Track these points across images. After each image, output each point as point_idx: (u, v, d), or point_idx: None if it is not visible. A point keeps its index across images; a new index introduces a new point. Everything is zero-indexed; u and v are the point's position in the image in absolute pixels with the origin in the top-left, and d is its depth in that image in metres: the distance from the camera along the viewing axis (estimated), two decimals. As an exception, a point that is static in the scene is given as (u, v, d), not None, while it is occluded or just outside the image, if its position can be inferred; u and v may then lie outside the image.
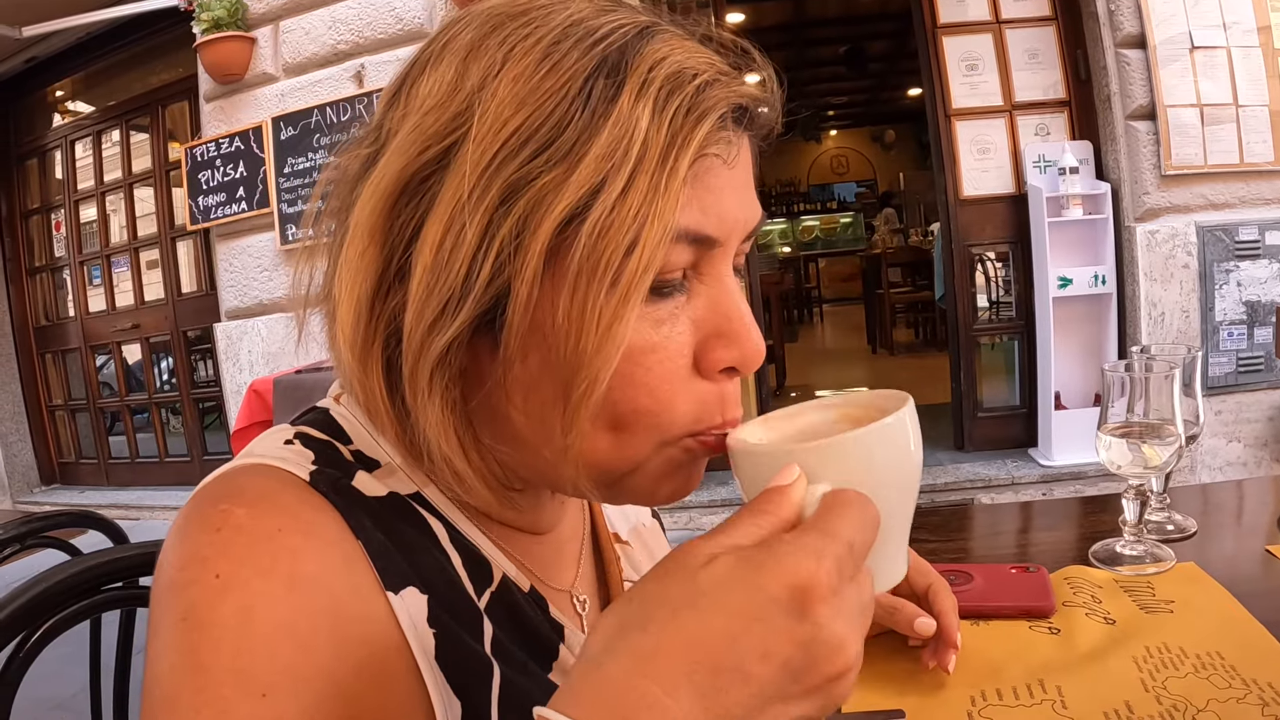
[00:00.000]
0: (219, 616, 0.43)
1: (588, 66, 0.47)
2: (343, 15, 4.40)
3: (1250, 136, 3.60)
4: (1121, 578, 0.92)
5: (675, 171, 0.46)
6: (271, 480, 0.51)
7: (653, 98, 0.46)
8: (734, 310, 0.51)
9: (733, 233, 0.51)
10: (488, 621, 0.54)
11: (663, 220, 0.46)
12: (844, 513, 0.42)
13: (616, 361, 0.46)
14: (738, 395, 0.54)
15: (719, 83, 0.49)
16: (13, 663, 0.81)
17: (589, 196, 0.45)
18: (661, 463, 0.52)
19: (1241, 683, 0.70)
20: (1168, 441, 0.91)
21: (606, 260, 0.45)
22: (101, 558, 0.85)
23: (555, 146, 0.46)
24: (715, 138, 0.48)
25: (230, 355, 4.76)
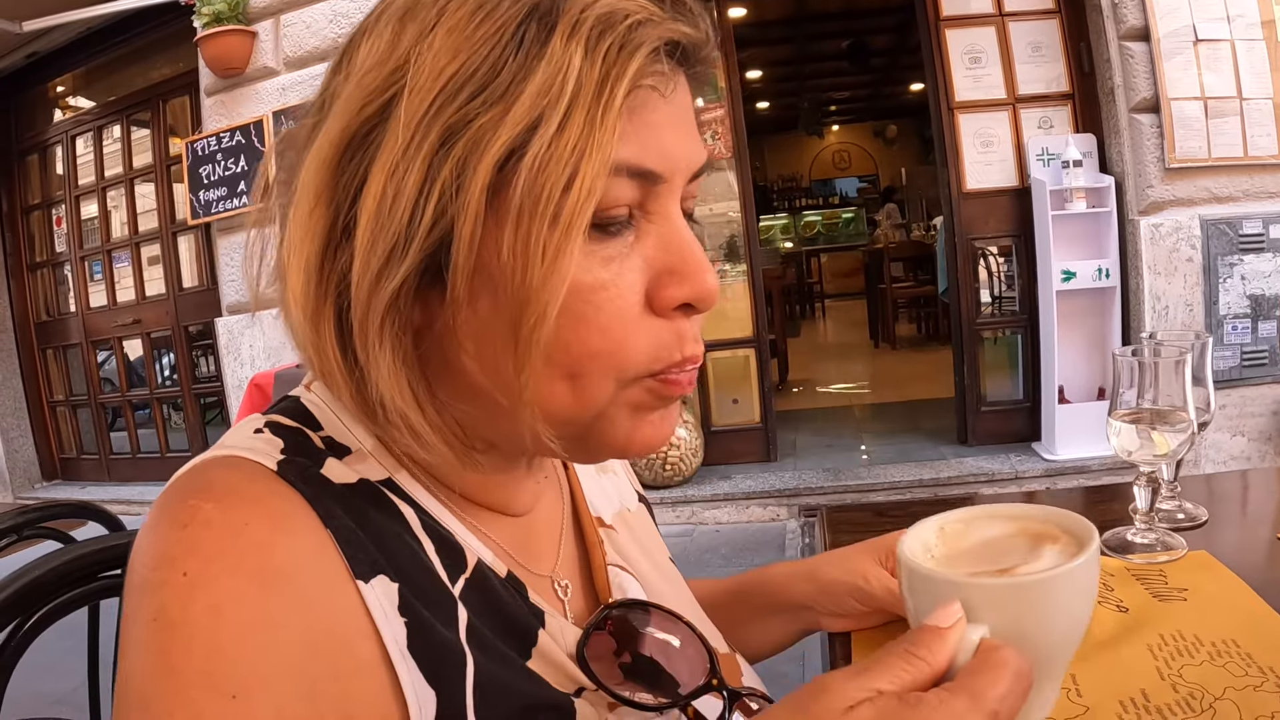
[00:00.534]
0: (189, 616, 0.43)
1: (520, 13, 0.48)
2: (344, 9, 4.40)
3: (1254, 130, 3.59)
4: (1133, 566, 0.91)
5: (610, 104, 0.46)
6: (239, 472, 0.50)
7: (584, 36, 0.47)
8: (684, 247, 0.52)
9: (676, 169, 0.52)
10: (462, 608, 0.53)
11: (601, 151, 0.46)
12: (996, 676, 0.41)
13: (563, 293, 0.47)
14: (697, 333, 0.54)
15: (650, 21, 0.49)
16: (6, 650, 0.80)
17: (526, 133, 0.46)
18: (624, 407, 0.53)
19: (1259, 670, 0.69)
20: (1179, 428, 0.90)
21: (547, 194, 0.46)
22: (95, 545, 0.84)
23: (491, 88, 0.46)
24: (649, 70, 0.49)
25: (232, 350, 4.76)
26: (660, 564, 0.77)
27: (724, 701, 0.59)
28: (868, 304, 9.19)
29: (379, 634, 0.48)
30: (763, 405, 4.50)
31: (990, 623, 0.43)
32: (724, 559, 3.66)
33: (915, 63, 4.34)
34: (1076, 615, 0.46)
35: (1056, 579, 0.44)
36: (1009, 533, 0.50)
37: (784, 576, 0.86)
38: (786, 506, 4.08)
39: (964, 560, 0.50)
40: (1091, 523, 0.47)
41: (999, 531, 0.51)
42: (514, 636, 0.56)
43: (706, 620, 0.75)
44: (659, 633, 0.61)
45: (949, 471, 4.02)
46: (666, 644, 0.61)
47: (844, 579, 0.81)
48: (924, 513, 0.54)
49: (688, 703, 0.58)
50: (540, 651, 0.57)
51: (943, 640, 0.43)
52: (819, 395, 6.61)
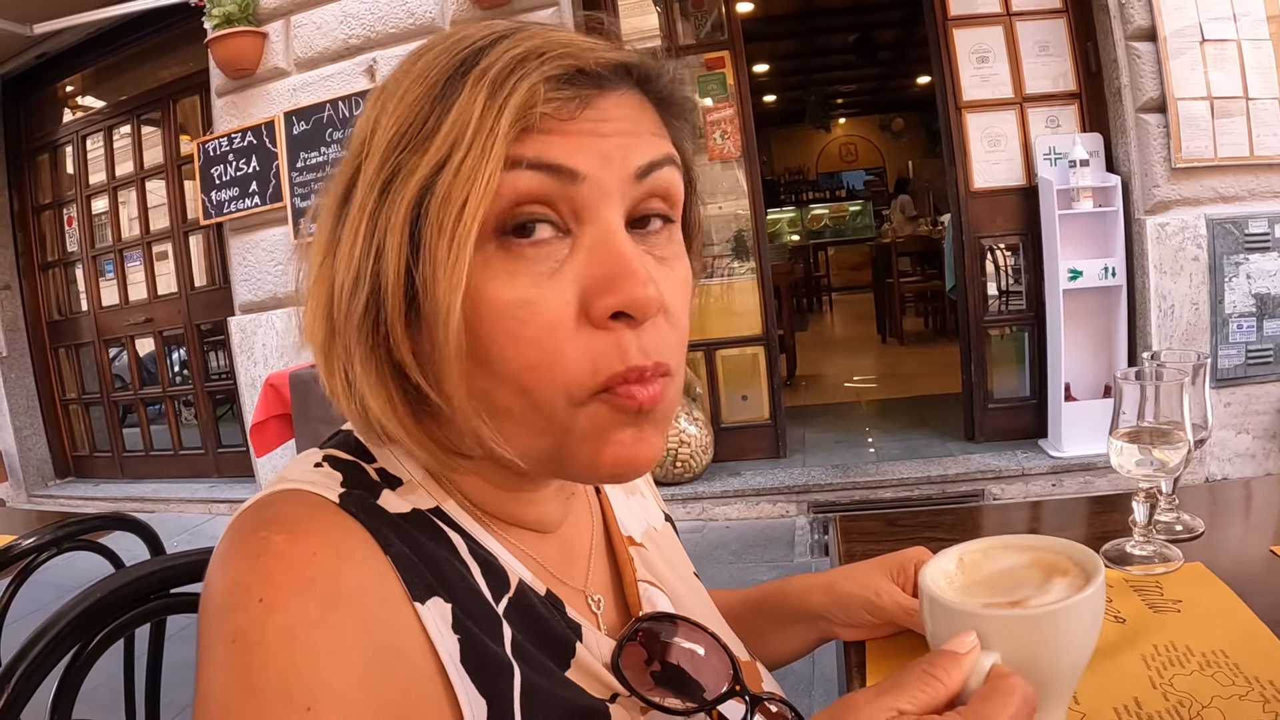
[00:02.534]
0: (264, 638, 0.47)
1: (449, 69, 0.54)
2: (354, 9, 4.43)
3: (1260, 129, 3.61)
4: (1131, 577, 0.95)
5: (495, 131, 0.51)
6: (304, 505, 0.55)
7: (490, 79, 0.52)
8: (613, 255, 0.53)
9: (599, 168, 0.54)
10: (506, 625, 0.58)
11: (488, 170, 0.51)
12: (1006, 702, 0.44)
13: (459, 294, 0.51)
14: (645, 344, 0.54)
15: (560, 56, 0.53)
16: (71, 672, 0.84)
17: (436, 170, 0.52)
18: (586, 425, 0.55)
19: (1244, 680, 0.72)
20: (1177, 446, 0.94)
21: (448, 218, 0.51)
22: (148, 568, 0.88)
23: (419, 137, 0.53)
24: (541, 97, 0.52)
25: (245, 349, 4.80)
26: (685, 578, 0.81)
27: (746, 705, 0.63)
28: (875, 298, 9.19)
29: (435, 650, 0.53)
30: (772, 402, 4.53)
31: (1002, 650, 0.47)
32: (734, 555, 3.70)
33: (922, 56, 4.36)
34: (1082, 643, 0.49)
35: (1064, 611, 0.47)
36: (1023, 563, 0.54)
37: (801, 589, 0.90)
38: (796, 503, 4.12)
39: (980, 589, 0.54)
40: (1097, 555, 0.51)
41: (1014, 562, 0.55)
42: (554, 649, 0.60)
43: (728, 630, 0.80)
44: (685, 643, 0.65)
45: (956, 468, 4.05)
46: (693, 653, 0.65)
47: (858, 593, 0.85)
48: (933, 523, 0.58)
49: (713, 707, 0.63)
50: (578, 662, 0.61)
51: (958, 665, 0.46)
52: (827, 391, 6.63)
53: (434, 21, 4.28)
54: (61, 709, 0.85)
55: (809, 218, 13.14)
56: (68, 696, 0.85)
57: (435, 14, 4.27)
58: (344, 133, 4.42)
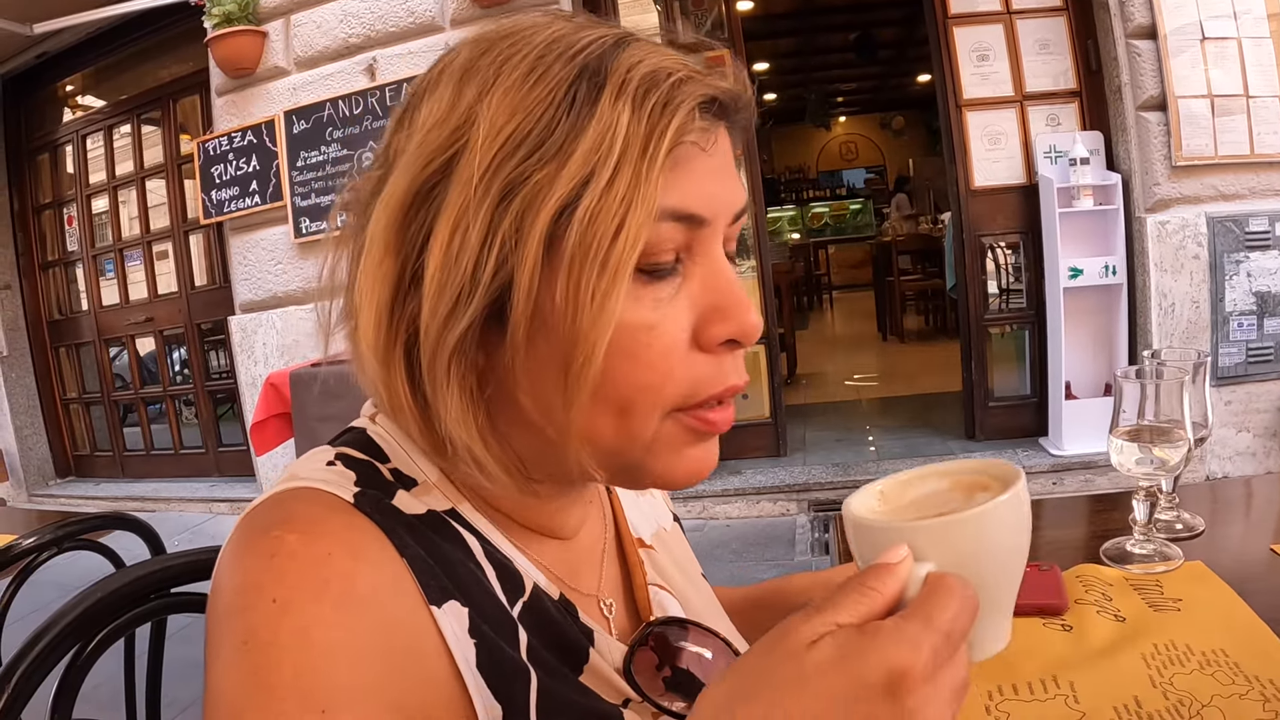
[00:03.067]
0: (278, 639, 0.46)
1: (571, 74, 0.52)
2: (354, 8, 4.42)
3: (1261, 127, 3.60)
4: (1131, 576, 0.95)
5: (654, 159, 0.50)
6: (318, 505, 0.54)
7: (631, 95, 0.51)
8: (727, 286, 0.55)
9: (718, 213, 0.55)
10: (522, 630, 0.57)
11: (646, 203, 0.50)
12: (945, 601, 0.44)
13: (609, 334, 0.50)
14: (739, 365, 0.57)
15: (692, 79, 0.53)
16: (71, 672, 0.84)
17: (579, 188, 0.50)
18: (667, 439, 0.56)
19: (1244, 679, 0.72)
20: (1177, 445, 0.94)
21: (597, 244, 0.49)
22: (148, 568, 0.88)
23: (546, 146, 0.50)
24: (691, 127, 0.52)
25: (245, 348, 4.80)
26: (694, 579, 0.81)
27: None
28: (875, 296, 9.19)
29: (450, 654, 0.52)
30: (772, 400, 4.53)
31: (934, 560, 0.46)
32: (735, 554, 3.70)
33: (922, 54, 4.36)
34: (1010, 547, 0.49)
35: (986, 513, 0.47)
36: (945, 487, 0.54)
37: (804, 586, 0.90)
38: (796, 501, 4.12)
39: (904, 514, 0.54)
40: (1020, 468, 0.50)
41: (935, 487, 0.55)
42: (568, 654, 0.60)
43: (736, 633, 0.79)
44: (695, 647, 0.66)
45: (956, 467, 4.04)
46: (701, 657, 0.65)
47: None
48: None
49: None
50: (591, 668, 0.61)
51: (892, 574, 0.46)
52: (828, 389, 6.63)
53: (434, 20, 4.27)
54: (62, 708, 0.85)
55: (809, 216, 13.13)
56: (68, 696, 0.85)
57: (435, 13, 4.27)
58: (344, 131, 4.42)
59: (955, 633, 0.43)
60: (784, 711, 0.41)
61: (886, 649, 0.41)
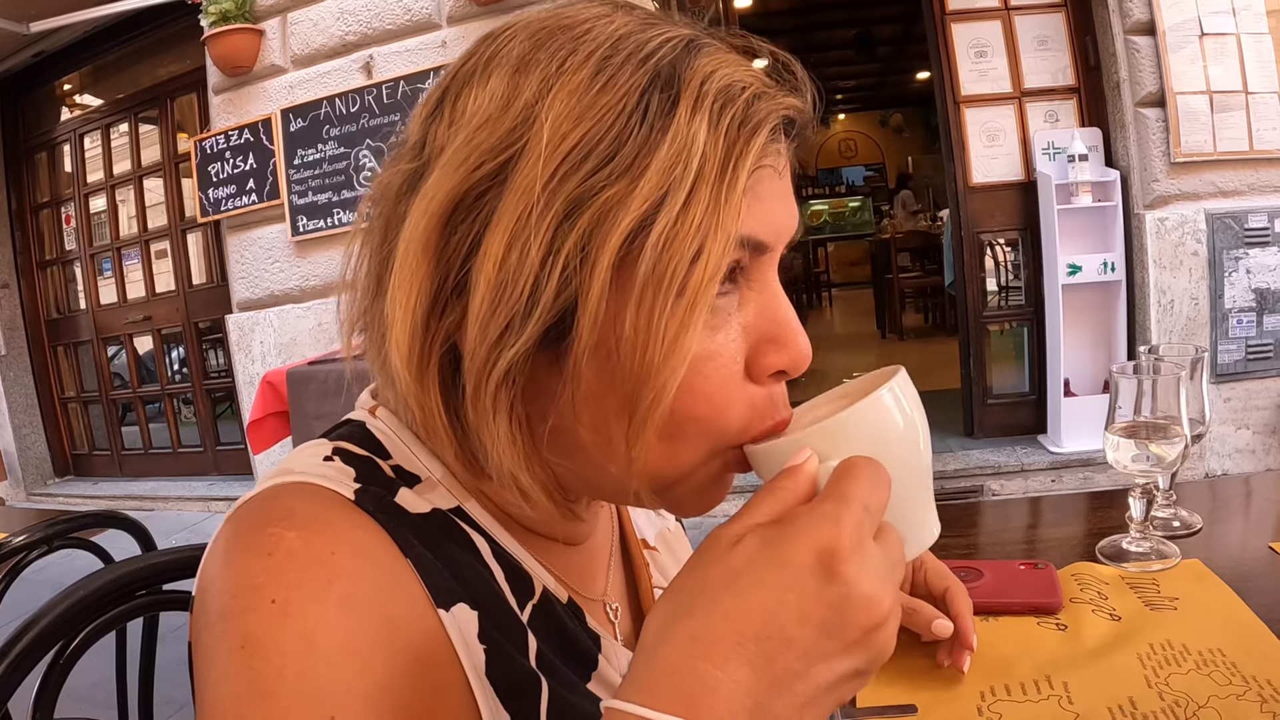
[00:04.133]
0: (280, 643, 0.44)
1: (642, 81, 0.48)
2: (350, 6, 4.41)
3: (1260, 124, 3.59)
4: (1128, 574, 0.94)
5: (735, 183, 0.47)
6: (317, 501, 0.51)
7: (708, 111, 0.47)
8: (782, 315, 0.52)
9: (781, 238, 0.53)
10: (532, 636, 0.55)
11: (725, 230, 0.46)
12: (853, 477, 0.44)
13: (683, 370, 0.47)
14: (785, 396, 0.55)
15: (766, 95, 0.50)
16: (54, 670, 0.83)
17: (653, 209, 0.46)
18: (707, 473, 0.53)
19: (1241, 680, 0.71)
20: (1174, 441, 0.93)
21: (672, 271, 0.46)
22: (134, 565, 0.87)
23: (617, 160, 0.46)
24: (769, 149, 0.50)
25: (243, 346, 4.79)
26: None
27: None
28: (875, 294, 9.18)
29: (459, 660, 0.50)
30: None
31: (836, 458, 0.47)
32: (732, 553, 3.69)
33: (921, 52, 4.34)
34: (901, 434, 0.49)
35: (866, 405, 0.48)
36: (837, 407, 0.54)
37: None
38: (794, 500, 4.11)
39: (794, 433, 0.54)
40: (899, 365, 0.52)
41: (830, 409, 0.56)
42: (576, 660, 0.59)
43: None
44: None
45: (955, 464, 4.04)
46: None
47: None
48: None
49: None
50: (599, 674, 0.60)
51: (800, 471, 0.46)
52: (826, 387, 6.57)
53: (430, 18, 4.26)
54: (45, 703, 0.84)
55: (809, 213, 13.12)
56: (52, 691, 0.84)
57: (432, 10, 4.26)
58: (341, 129, 4.41)
59: (873, 505, 0.43)
60: (723, 613, 0.40)
61: (807, 530, 0.41)
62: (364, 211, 0.56)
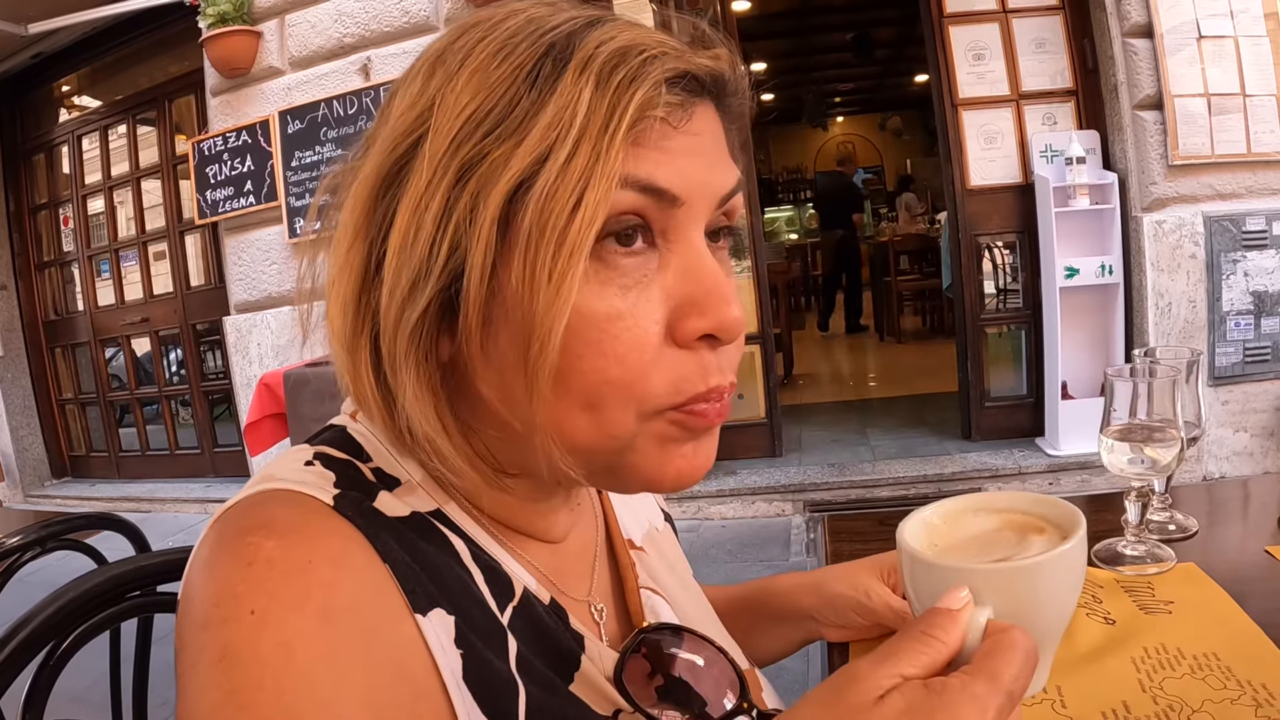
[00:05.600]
0: (259, 654, 0.44)
1: (537, 52, 0.50)
2: (348, 8, 4.41)
3: (1258, 126, 3.59)
4: (1122, 578, 0.94)
5: (615, 133, 0.48)
6: (297, 508, 0.51)
7: (595, 72, 0.49)
8: (706, 276, 0.52)
9: (695, 193, 0.52)
10: (511, 638, 0.55)
11: (605, 178, 0.47)
12: (1009, 657, 0.43)
13: (566, 316, 0.48)
14: (723, 364, 0.54)
15: (666, 55, 0.51)
16: (44, 671, 0.83)
17: (536, 165, 0.48)
18: (651, 439, 0.53)
19: (1236, 684, 0.71)
20: (1169, 444, 0.93)
21: (552, 222, 0.47)
22: (125, 566, 0.87)
23: (506, 124, 0.49)
24: (659, 101, 0.49)
25: (240, 348, 4.79)
26: (686, 582, 0.79)
27: None
28: (873, 296, 9.18)
29: (436, 665, 0.50)
30: (768, 401, 4.52)
31: (993, 605, 0.46)
32: (729, 554, 3.69)
33: (919, 54, 4.35)
34: (1068, 595, 0.49)
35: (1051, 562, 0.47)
36: (995, 526, 0.53)
37: (790, 588, 0.88)
38: (792, 502, 4.11)
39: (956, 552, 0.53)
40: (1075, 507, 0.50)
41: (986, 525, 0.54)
42: (558, 661, 0.58)
43: (729, 637, 0.78)
44: (688, 654, 0.63)
45: (953, 467, 4.04)
46: (693, 664, 0.63)
47: (847, 593, 0.84)
48: None
49: None
50: (582, 675, 0.59)
51: (955, 621, 0.45)
52: (824, 389, 6.62)
53: (428, 20, 4.26)
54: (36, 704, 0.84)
55: (807, 216, 13.11)
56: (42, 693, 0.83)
57: (430, 12, 4.26)
58: (338, 131, 4.41)
59: (1017, 691, 0.43)
60: None
61: (955, 709, 0.41)
62: (315, 214, 0.59)
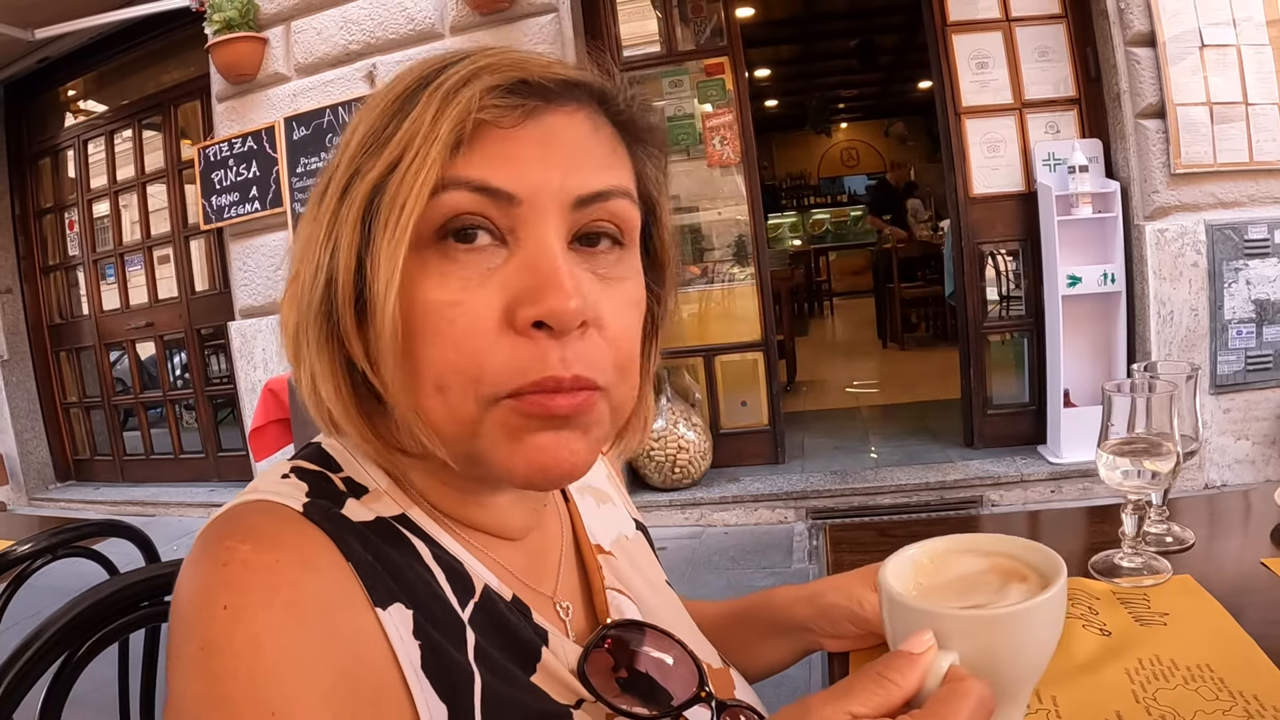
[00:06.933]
0: (233, 645, 0.48)
1: (415, 83, 0.58)
2: (354, 15, 4.43)
3: (1260, 135, 3.60)
4: (1119, 589, 0.95)
5: (434, 138, 0.54)
6: (269, 515, 0.56)
7: (442, 91, 0.55)
8: (544, 268, 0.55)
9: (534, 192, 0.56)
10: (470, 631, 0.59)
11: (425, 178, 0.54)
12: (959, 705, 0.44)
13: (394, 292, 0.54)
14: (568, 355, 0.55)
15: (504, 68, 0.57)
16: (59, 679, 0.85)
17: (387, 172, 0.55)
18: (497, 426, 0.56)
19: (1229, 695, 0.72)
20: (1166, 458, 0.94)
21: (390, 218, 0.54)
22: (137, 576, 0.89)
23: (377, 144, 0.57)
24: (485, 105, 0.55)
25: (245, 353, 4.81)
26: (658, 587, 0.82)
27: (712, 711, 0.64)
28: (876, 303, 9.19)
29: (396, 656, 0.54)
30: (770, 408, 4.53)
31: (960, 651, 0.47)
32: (732, 561, 3.69)
33: (923, 61, 4.36)
34: (1041, 646, 0.49)
35: (1024, 613, 0.47)
36: (981, 569, 0.54)
37: (786, 600, 0.90)
38: (794, 509, 4.11)
39: (937, 593, 0.54)
40: (1060, 557, 0.50)
41: (972, 567, 0.55)
42: (519, 654, 0.61)
43: (700, 638, 0.81)
44: (653, 651, 0.66)
45: (955, 474, 4.05)
46: (660, 661, 0.66)
47: (842, 604, 0.85)
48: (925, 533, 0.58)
49: (679, 713, 0.63)
50: (544, 667, 0.62)
51: (913, 665, 0.46)
52: (827, 396, 6.63)
53: (433, 27, 4.28)
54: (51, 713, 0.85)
55: (810, 222, 13.13)
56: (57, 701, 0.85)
57: (435, 19, 4.28)
58: (344, 138, 4.43)
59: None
60: None
61: None
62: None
